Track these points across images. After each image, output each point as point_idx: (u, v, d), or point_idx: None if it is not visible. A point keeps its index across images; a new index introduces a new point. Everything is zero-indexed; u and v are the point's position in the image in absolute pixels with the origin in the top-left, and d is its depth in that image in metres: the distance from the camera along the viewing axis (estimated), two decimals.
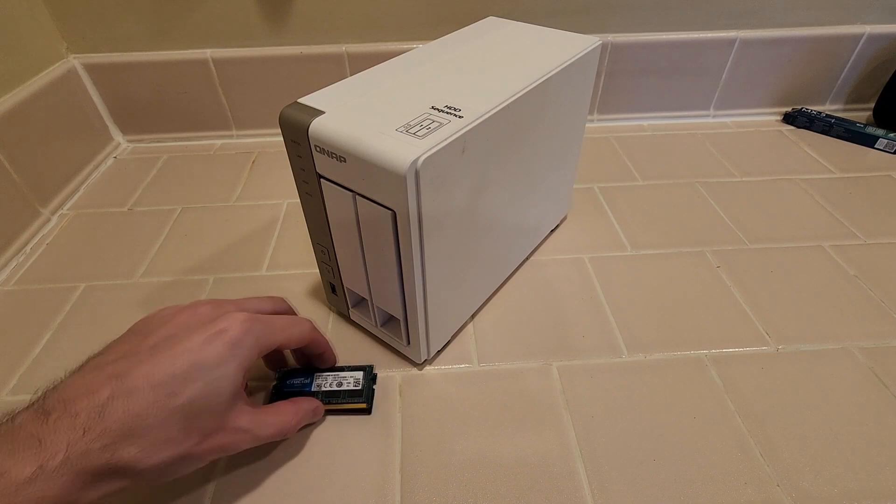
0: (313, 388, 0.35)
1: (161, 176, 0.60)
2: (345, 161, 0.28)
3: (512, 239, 0.42)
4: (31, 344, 0.40)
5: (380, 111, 0.30)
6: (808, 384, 0.36)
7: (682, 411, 0.35)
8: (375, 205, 0.29)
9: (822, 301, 0.43)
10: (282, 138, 0.31)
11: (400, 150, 0.26)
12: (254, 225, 0.52)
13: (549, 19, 0.61)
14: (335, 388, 0.35)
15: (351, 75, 0.35)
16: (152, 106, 0.64)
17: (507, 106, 0.31)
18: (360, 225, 0.31)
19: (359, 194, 0.29)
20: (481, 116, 0.30)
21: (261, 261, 0.48)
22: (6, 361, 0.39)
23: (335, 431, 0.34)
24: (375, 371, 0.37)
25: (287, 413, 0.30)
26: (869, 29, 0.63)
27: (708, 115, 0.70)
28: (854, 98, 0.70)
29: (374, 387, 0.37)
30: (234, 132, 0.67)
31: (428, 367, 0.38)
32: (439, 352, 0.39)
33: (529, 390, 0.36)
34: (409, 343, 0.36)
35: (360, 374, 0.35)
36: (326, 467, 0.32)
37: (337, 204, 0.31)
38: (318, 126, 0.29)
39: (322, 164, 0.30)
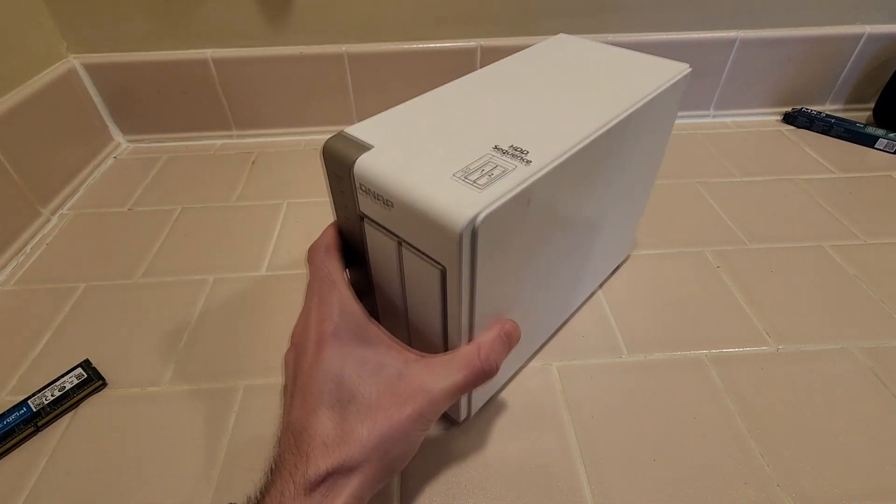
0: (35, 409, 0.34)
1: (161, 176, 0.60)
2: (392, 206, 0.25)
3: (569, 290, 0.38)
4: (31, 344, 0.40)
5: (436, 149, 0.26)
6: (808, 384, 0.36)
7: (682, 411, 0.35)
8: (424, 258, 0.25)
9: (822, 301, 0.43)
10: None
11: (457, 202, 0.23)
12: (254, 225, 0.52)
13: (549, 20, 0.61)
14: (60, 392, 0.35)
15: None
16: (152, 106, 0.64)
17: (584, 147, 0.27)
18: (403, 275, 0.28)
19: (406, 243, 0.26)
20: (553, 161, 0.25)
21: (261, 261, 0.48)
22: (6, 361, 0.39)
23: None
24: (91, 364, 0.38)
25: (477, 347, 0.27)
26: (869, 29, 0.63)
27: (708, 115, 0.70)
28: (854, 98, 0.70)
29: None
30: (234, 132, 0.67)
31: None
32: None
33: (529, 390, 0.36)
34: None
35: (78, 370, 0.37)
36: None
37: (380, 249, 0.28)
38: (364, 164, 0.25)
39: (366, 205, 0.27)
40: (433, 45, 0.61)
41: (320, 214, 0.31)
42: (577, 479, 0.31)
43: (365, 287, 0.32)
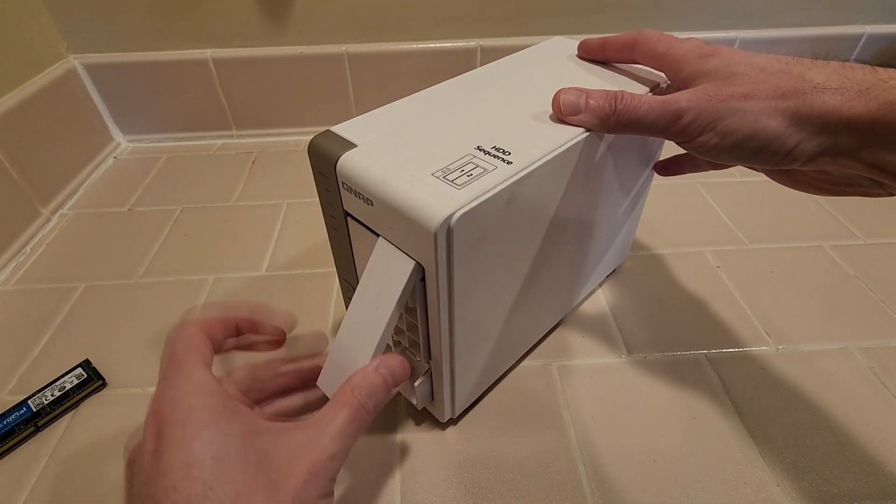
0: (35, 409, 0.34)
1: (161, 176, 0.60)
2: (372, 204, 0.25)
3: (565, 290, 0.38)
4: (31, 344, 0.40)
5: (418, 148, 0.26)
6: (808, 384, 0.36)
7: (682, 411, 0.35)
8: (403, 254, 0.26)
9: (822, 301, 0.43)
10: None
11: (433, 201, 0.23)
12: (254, 225, 0.52)
13: (549, 20, 0.61)
14: (60, 392, 0.35)
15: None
16: (152, 106, 0.64)
17: (568, 149, 0.27)
18: None
19: (386, 240, 0.26)
20: (534, 162, 0.25)
21: (261, 261, 0.48)
22: (6, 361, 0.39)
23: None
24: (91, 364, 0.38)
25: (339, 402, 0.23)
26: (869, 29, 0.63)
27: None
28: None
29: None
30: (234, 132, 0.67)
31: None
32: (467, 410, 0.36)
33: (529, 390, 0.36)
34: (433, 399, 0.33)
35: (78, 370, 0.37)
36: None
37: (364, 245, 0.28)
38: (346, 162, 0.26)
39: (349, 203, 0.27)
40: (433, 45, 0.61)
41: (320, 214, 0.31)
42: (577, 479, 0.31)
43: (354, 285, 0.33)
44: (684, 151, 0.29)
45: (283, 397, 0.29)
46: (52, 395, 0.35)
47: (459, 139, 0.27)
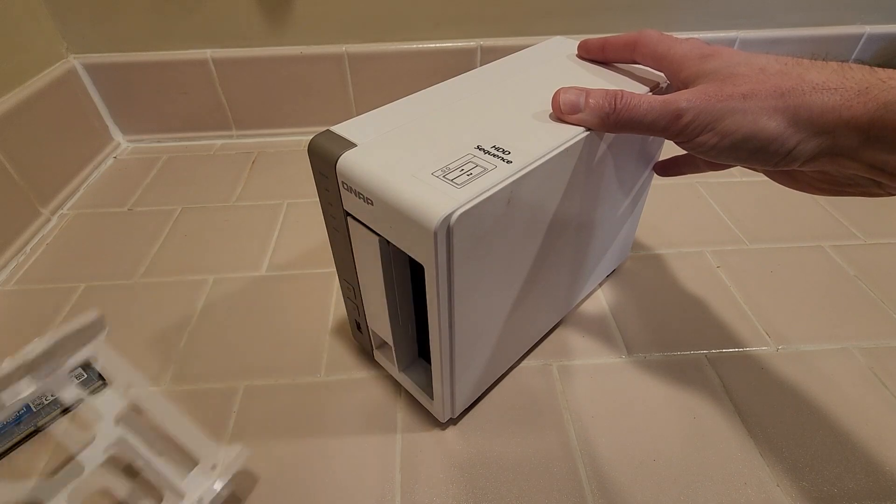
0: (35, 409, 0.33)
1: (161, 176, 0.60)
2: (372, 204, 0.25)
3: (565, 290, 0.38)
4: None
5: (418, 148, 0.26)
6: (808, 384, 0.36)
7: (682, 411, 0.35)
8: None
9: (822, 301, 0.43)
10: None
11: (432, 200, 0.23)
12: (254, 225, 0.52)
13: (549, 20, 0.61)
14: (50, 398, 0.33)
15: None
16: (152, 106, 0.64)
17: (568, 148, 0.27)
18: (385, 271, 0.29)
19: (386, 240, 0.27)
20: (534, 162, 0.25)
21: (261, 261, 0.48)
22: None
23: (334, 430, 0.34)
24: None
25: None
26: (869, 29, 0.63)
27: None
28: None
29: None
30: (234, 132, 0.67)
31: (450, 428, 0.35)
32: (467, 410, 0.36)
33: (529, 390, 0.36)
34: (433, 398, 0.33)
35: (79, 370, 0.34)
36: (326, 467, 0.32)
37: (363, 245, 0.29)
38: (346, 161, 0.26)
39: (349, 202, 0.27)
40: (433, 45, 0.61)
41: (320, 214, 0.31)
42: (577, 479, 0.31)
43: (354, 285, 0.33)
44: (684, 152, 0.29)
45: None
46: (52, 395, 0.35)
47: (459, 138, 0.27)
